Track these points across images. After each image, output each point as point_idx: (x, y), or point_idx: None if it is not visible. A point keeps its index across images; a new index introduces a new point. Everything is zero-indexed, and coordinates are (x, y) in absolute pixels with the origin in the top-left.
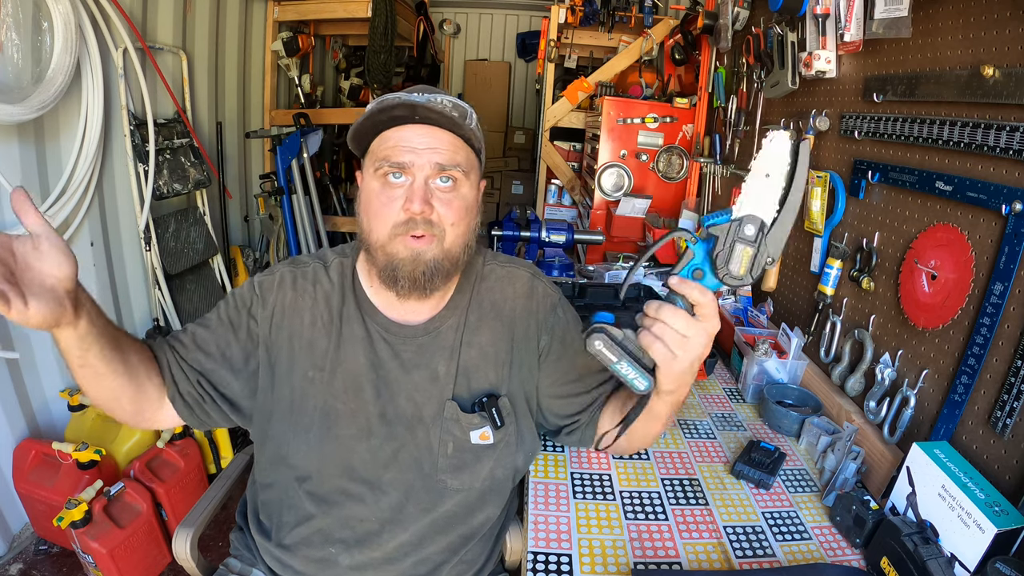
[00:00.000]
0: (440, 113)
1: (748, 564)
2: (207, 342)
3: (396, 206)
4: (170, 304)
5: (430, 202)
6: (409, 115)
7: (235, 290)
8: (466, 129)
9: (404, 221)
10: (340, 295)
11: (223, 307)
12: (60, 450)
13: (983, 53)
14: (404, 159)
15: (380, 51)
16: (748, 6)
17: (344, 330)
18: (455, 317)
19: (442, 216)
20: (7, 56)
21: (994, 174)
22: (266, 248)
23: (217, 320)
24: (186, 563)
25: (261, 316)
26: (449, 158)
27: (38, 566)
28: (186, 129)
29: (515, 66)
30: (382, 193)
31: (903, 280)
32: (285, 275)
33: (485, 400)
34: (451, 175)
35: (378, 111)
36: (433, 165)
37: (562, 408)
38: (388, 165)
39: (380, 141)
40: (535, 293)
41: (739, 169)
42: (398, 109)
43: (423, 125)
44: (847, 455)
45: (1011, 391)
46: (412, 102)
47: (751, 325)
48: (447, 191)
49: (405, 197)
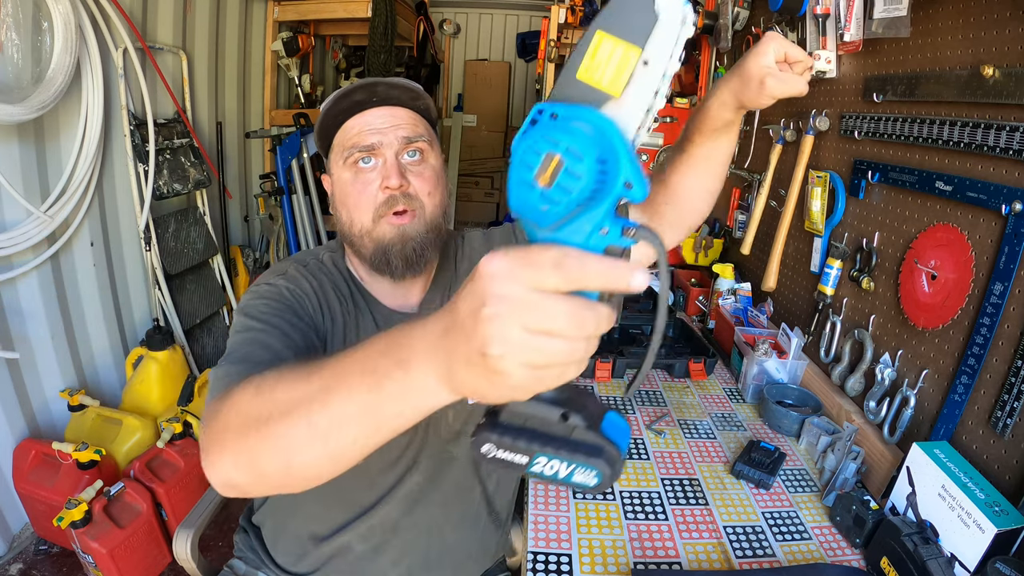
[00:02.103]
0: (399, 87)
1: (748, 564)
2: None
3: (372, 189)
4: (170, 304)
5: (405, 176)
6: (368, 97)
7: (255, 300)
8: (424, 100)
9: (384, 201)
10: (345, 285)
11: (263, 308)
12: (60, 450)
13: (983, 53)
14: (372, 140)
15: (380, 51)
16: (748, 6)
17: (358, 316)
18: (440, 295)
19: (418, 188)
20: (7, 56)
21: (994, 174)
22: (266, 248)
23: (276, 320)
24: (187, 563)
25: (310, 305)
26: (413, 131)
27: (38, 566)
28: (186, 129)
29: (515, 66)
30: (356, 181)
31: (903, 280)
32: (294, 269)
33: None
34: (418, 147)
35: (340, 98)
36: (400, 140)
37: None
38: (357, 151)
39: (343, 132)
40: (491, 236)
41: (739, 169)
42: (358, 93)
43: (382, 107)
44: (847, 455)
45: (1011, 391)
46: (370, 83)
47: (751, 325)
48: (417, 163)
49: (381, 177)
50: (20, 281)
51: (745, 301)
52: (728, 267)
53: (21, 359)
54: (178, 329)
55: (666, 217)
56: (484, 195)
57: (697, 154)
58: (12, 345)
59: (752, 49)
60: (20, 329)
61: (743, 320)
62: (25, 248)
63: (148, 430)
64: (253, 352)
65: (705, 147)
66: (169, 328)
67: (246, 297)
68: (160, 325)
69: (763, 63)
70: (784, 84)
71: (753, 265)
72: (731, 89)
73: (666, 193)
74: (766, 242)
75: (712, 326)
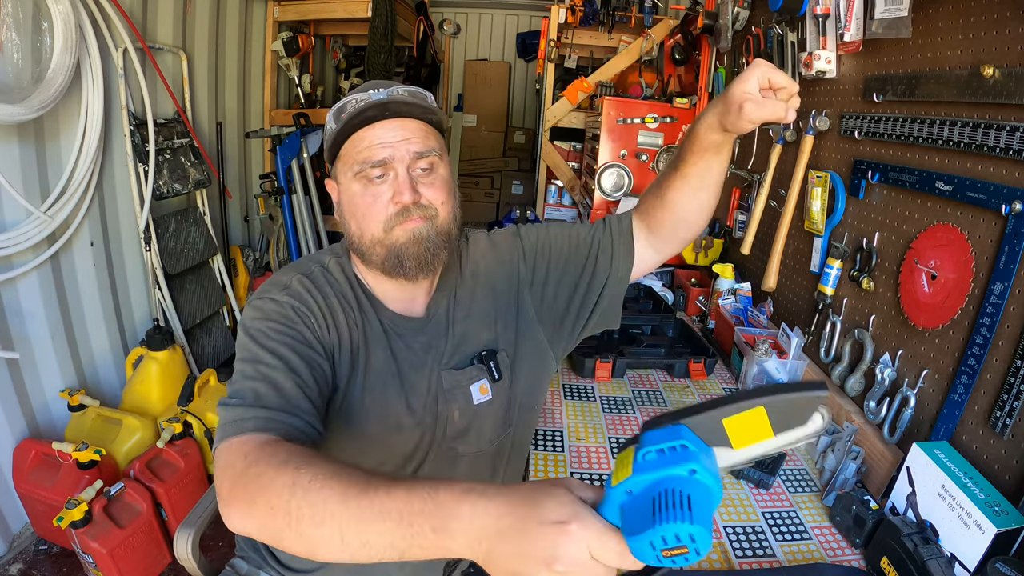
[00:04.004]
0: (410, 104)
1: (748, 564)
2: (296, 386)
3: (382, 202)
4: (170, 304)
5: (417, 189)
6: (380, 113)
7: (261, 322)
8: (431, 113)
9: (397, 212)
10: (352, 292)
11: (271, 334)
12: (60, 450)
13: (983, 53)
14: (383, 155)
15: (380, 51)
16: (748, 6)
17: (366, 322)
18: (445, 299)
19: (431, 199)
20: (7, 56)
21: (994, 174)
22: (266, 248)
23: (284, 351)
24: (187, 563)
25: (316, 323)
26: (423, 145)
27: (38, 566)
28: (186, 129)
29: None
30: (366, 194)
31: (903, 280)
32: (295, 281)
33: (484, 354)
34: (430, 161)
35: (354, 115)
36: (412, 155)
37: (576, 295)
38: (369, 166)
39: (352, 144)
40: (496, 242)
41: (739, 169)
42: (370, 111)
43: (393, 120)
44: (847, 455)
45: (1011, 391)
46: (381, 101)
47: (751, 325)
48: (427, 175)
49: (392, 191)
50: (20, 281)
51: (745, 301)
52: (728, 267)
53: (21, 359)
54: (178, 329)
55: (664, 230)
56: (484, 195)
57: (690, 172)
58: (12, 345)
59: (738, 75)
60: (20, 329)
61: (743, 320)
62: (25, 248)
63: (148, 430)
64: (264, 394)
65: (698, 166)
66: (169, 328)
67: (251, 313)
68: (160, 325)
69: (745, 89)
70: (762, 109)
71: (753, 265)
72: (716, 113)
73: (663, 208)
74: (766, 242)
75: (712, 326)
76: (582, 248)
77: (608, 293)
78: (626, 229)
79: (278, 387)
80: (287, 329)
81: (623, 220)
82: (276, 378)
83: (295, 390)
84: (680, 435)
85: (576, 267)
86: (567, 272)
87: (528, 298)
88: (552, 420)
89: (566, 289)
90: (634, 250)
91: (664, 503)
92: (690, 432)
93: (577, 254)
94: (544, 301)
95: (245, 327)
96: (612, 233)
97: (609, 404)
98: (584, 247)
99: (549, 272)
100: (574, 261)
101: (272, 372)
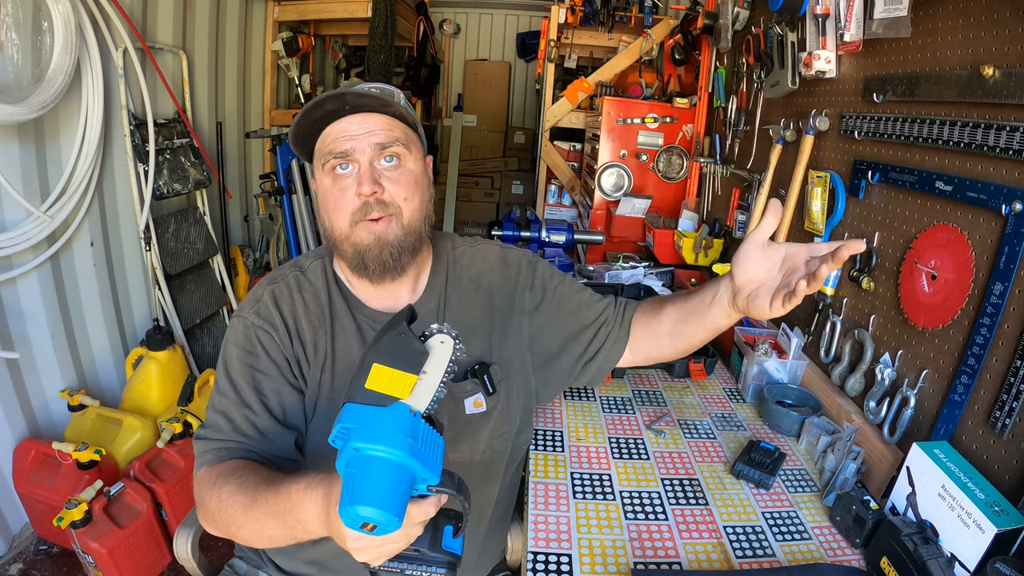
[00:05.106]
0: (369, 96)
1: (748, 564)
2: (269, 417)
3: (349, 195)
4: (170, 304)
5: (379, 182)
6: (339, 107)
7: (233, 347)
8: (395, 107)
9: (359, 207)
10: (326, 292)
11: (237, 366)
12: (60, 450)
13: (983, 53)
14: (345, 147)
15: (380, 51)
16: (748, 6)
17: (335, 326)
18: (434, 300)
19: (394, 194)
20: (7, 56)
21: (994, 174)
22: (266, 248)
23: (243, 384)
24: (187, 563)
25: (279, 340)
26: (387, 136)
27: (38, 566)
28: (186, 129)
29: (515, 66)
30: (334, 187)
31: (903, 280)
32: (267, 295)
33: (477, 367)
34: (393, 152)
35: (311, 109)
36: (374, 146)
37: (572, 346)
38: (332, 157)
39: (321, 140)
40: (508, 260)
41: (739, 169)
42: (328, 103)
43: (356, 114)
44: (847, 455)
45: (1011, 391)
46: (339, 92)
47: (751, 325)
48: (393, 169)
49: (356, 183)
50: (20, 281)
51: None
52: (728, 267)
53: (21, 359)
54: (178, 329)
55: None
56: (484, 195)
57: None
58: (12, 345)
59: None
60: (20, 329)
61: (743, 320)
62: (25, 248)
63: (148, 430)
64: (222, 427)
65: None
66: (169, 328)
67: (229, 333)
68: (160, 325)
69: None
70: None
71: None
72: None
73: (659, 321)
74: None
75: None
76: (593, 310)
77: (602, 357)
78: (627, 320)
79: (231, 419)
80: (250, 359)
81: (628, 311)
82: (231, 411)
83: (244, 422)
84: (343, 417)
85: (579, 323)
86: (569, 323)
87: (524, 325)
88: (552, 420)
89: (564, 333)
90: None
91: (344, 487)
92: (356, 408)
93: (588, 311)
94: (541, 337)
95: (223, 347)
96: (619, 315)
97: (609, 404)
98: (594, 312)
99: (553, 313)
100: (580, 316)
101: (230, 406)
